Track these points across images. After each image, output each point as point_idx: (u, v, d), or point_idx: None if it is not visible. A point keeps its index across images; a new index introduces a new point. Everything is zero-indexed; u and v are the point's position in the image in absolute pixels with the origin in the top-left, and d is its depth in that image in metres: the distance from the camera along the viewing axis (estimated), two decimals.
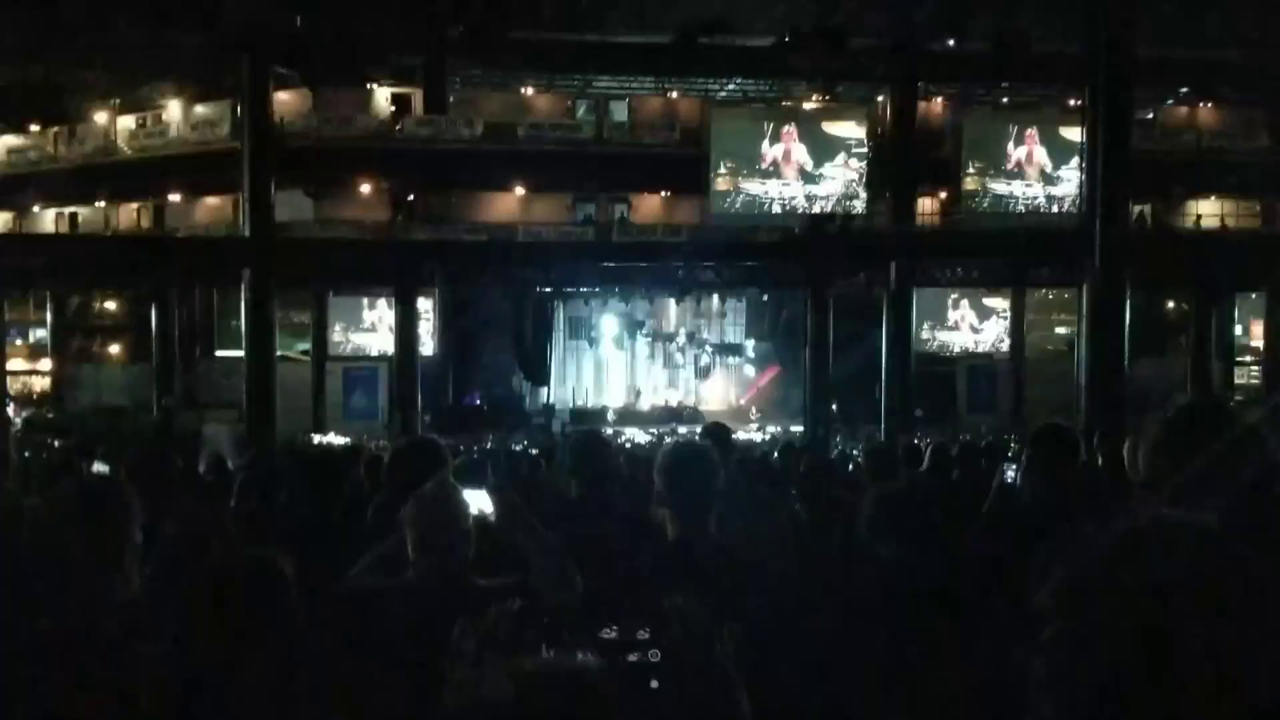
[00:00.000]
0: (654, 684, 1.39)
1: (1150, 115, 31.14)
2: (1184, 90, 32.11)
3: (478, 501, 2.74)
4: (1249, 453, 1.92)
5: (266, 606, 2.08)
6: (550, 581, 2.61)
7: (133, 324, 34.27)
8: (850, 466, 10.83)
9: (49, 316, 34.30)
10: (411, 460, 3.31)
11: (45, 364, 34.47)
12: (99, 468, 4.78)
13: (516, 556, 2.73)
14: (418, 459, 3.30)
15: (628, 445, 18.38)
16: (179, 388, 29.92)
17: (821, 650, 2.98)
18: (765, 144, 27.99)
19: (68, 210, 34.59)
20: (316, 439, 24.61)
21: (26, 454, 15.99)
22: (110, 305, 36.35)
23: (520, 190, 31.84)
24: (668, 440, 3.47)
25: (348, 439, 22.82)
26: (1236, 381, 34.32)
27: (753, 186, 27.76)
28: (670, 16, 26.97)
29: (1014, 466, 5.10)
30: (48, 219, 34.85)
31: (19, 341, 36.16)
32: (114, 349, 36.14)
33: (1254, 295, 33.27)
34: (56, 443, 18.64)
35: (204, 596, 2.09)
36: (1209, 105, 32.87)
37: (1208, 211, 31.94)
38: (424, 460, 3.27)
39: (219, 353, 31.59)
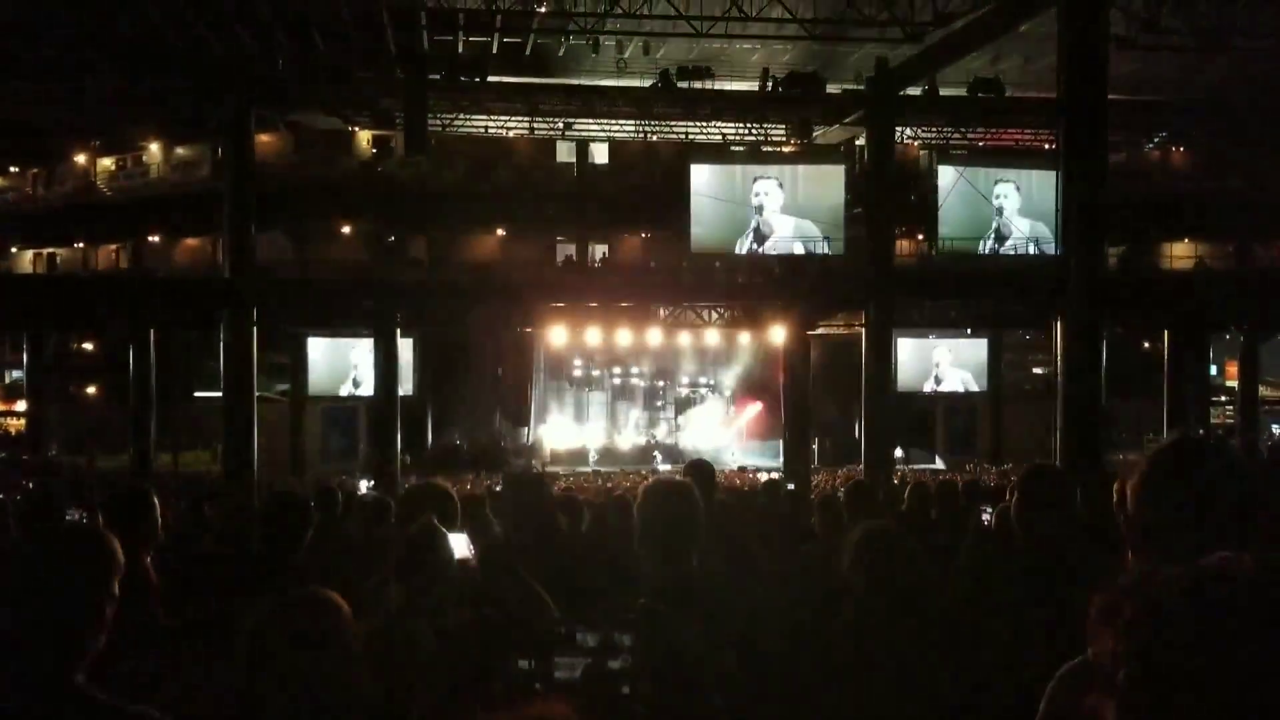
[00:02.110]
0: (625, 690, 1.40)
1: (1124, 157, 31.55)
2: (1158, 134, 32.59)
3: (458, 544, 2.74)
4: (1236, 489, 1.94)
5: (317, 645, 2.04)
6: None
7: (110, 365, 34.06)
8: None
9: (25, 357, 34.07)
10: (421, 503, 3.29)
11: (21, 405, 34.21)
12: (72, 515, 4.73)
13: (497, 598, 2.73)
14: (427, 503, 3.27)
15: (609, 485, 18.36)
16: (156, 429, 29.67)
17: (803, 688, 2.98)
18: (744, 186, 28.18)
19: (46, 251, 34.48)
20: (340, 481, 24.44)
21: (0, 496, 15.84)
22: (87, 346, 36.16)
23: (501, 231, 31.93)
24: (649, 478, 3.46)
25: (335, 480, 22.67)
26: (1213, 421, 34.63)
27: (732, 228, 27.90)
28: (651, 60, 27.25)
29: (989, 509, 5.13)
30: (26, 259, 34.72)
31: None
32: (91, 390, 35.90)
33: (1228, 335, 33.64)
34: (31, 484, 18.49)
35: (264, 632, 2.05)
36: (1181, 148, 33.32)
37: (1181, 253, 32.31)
38: (432, 504, 3.25)
39: (197, 393, 31.41)
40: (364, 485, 20.73)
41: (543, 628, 1.36)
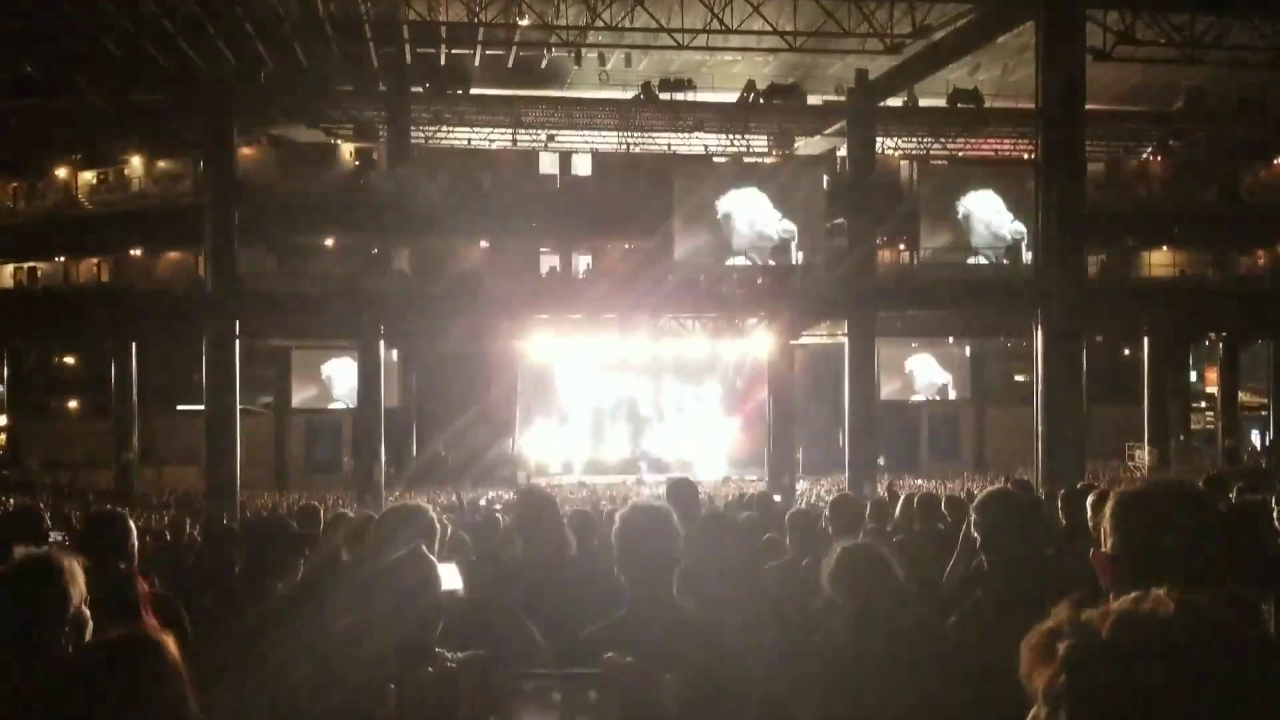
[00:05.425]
0: None
1: (1102, 166, 31.74)
2: (1136, 144, 32.78)
3: (448, 574, 2.74)
4: (1203, 532, 2.02)
5: (136, 690, 1.96)
6: (518, 654, 2.61)
7: (91, 378, 33.89)
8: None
9: (5, 371, 33.85)
10: (400, 526, 3.27)
11: (1, 420, 34.00)
12: (55, 535, 4.73)
13: (486, 630, 2.74)
14: (401, 525, 3.26)
15: (602, 503, 18.39)
16: (139, 443, 29.55)
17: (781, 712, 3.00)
18: (727, 196, 28.25)
19: (27, 265, 34.24)
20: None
21: None
22: (69, 360, 35.97)
23: (485, 242, 31.89)
24: (630, 500, 3.45)
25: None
26: (1193, 427, 34.87)
27: (715, 238, 27.97)
28: (633, 72, 27.33)
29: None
30: (6, 273, 34.48)
31: None
32: (72, 404, 35.71)
33: (1208, 342, 33.92)
34: (12, 500, 18.38)
35: (75, 678, 1.99)
36: (1160, 157, 33.52)
37: (1160, 261, 32.51)
38: (408, 526, 3.23)
39: (180, 406, 31.29)
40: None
41: (517, 675, 1.38)
